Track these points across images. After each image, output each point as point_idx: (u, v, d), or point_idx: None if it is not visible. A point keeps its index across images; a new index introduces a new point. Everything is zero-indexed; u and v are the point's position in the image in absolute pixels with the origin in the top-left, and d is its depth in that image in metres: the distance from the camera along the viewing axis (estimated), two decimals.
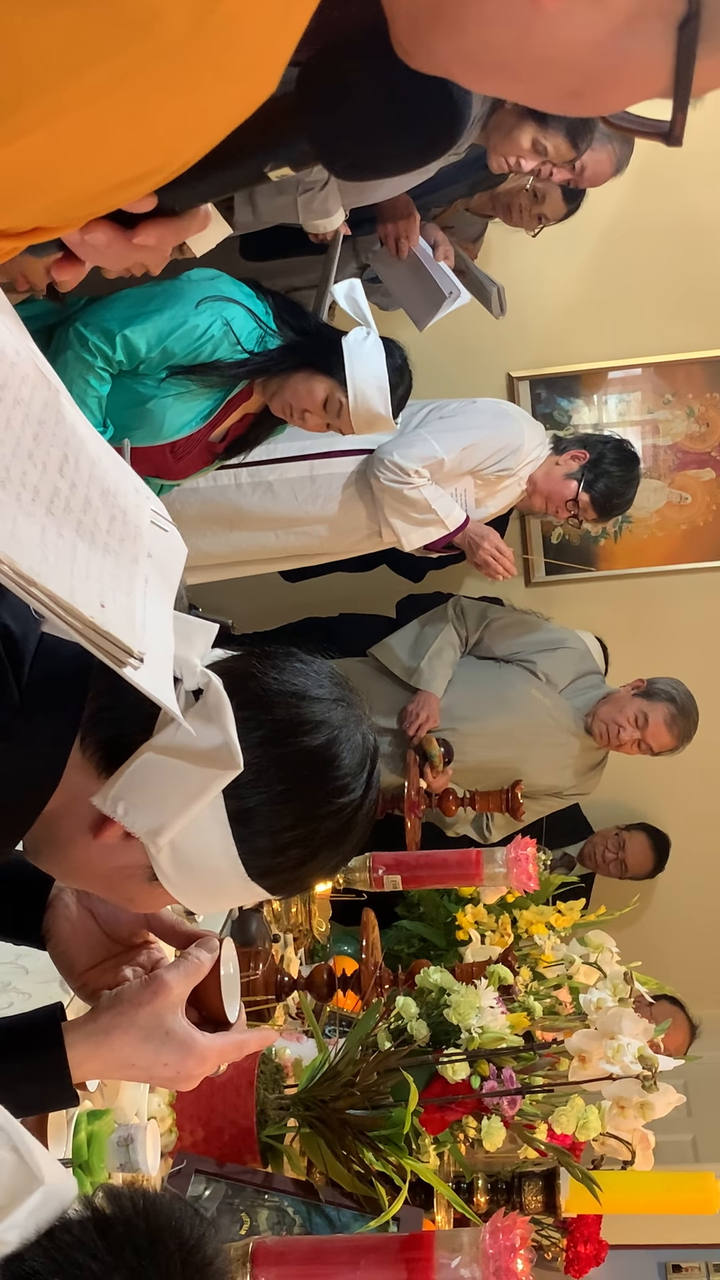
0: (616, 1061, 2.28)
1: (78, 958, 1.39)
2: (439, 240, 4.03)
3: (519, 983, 2.77)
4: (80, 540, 0.98)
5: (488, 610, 4.48)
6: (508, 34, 0.75)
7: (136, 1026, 1.29)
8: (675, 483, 5.29)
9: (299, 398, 3.28)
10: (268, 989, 2.54)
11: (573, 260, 5.08)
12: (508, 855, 2.89)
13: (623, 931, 3.65)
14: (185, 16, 0.61)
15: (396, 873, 2.88)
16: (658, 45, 0.73)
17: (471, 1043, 2.40)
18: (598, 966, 2.82)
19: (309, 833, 1.22)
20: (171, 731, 1.15)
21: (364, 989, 2.69)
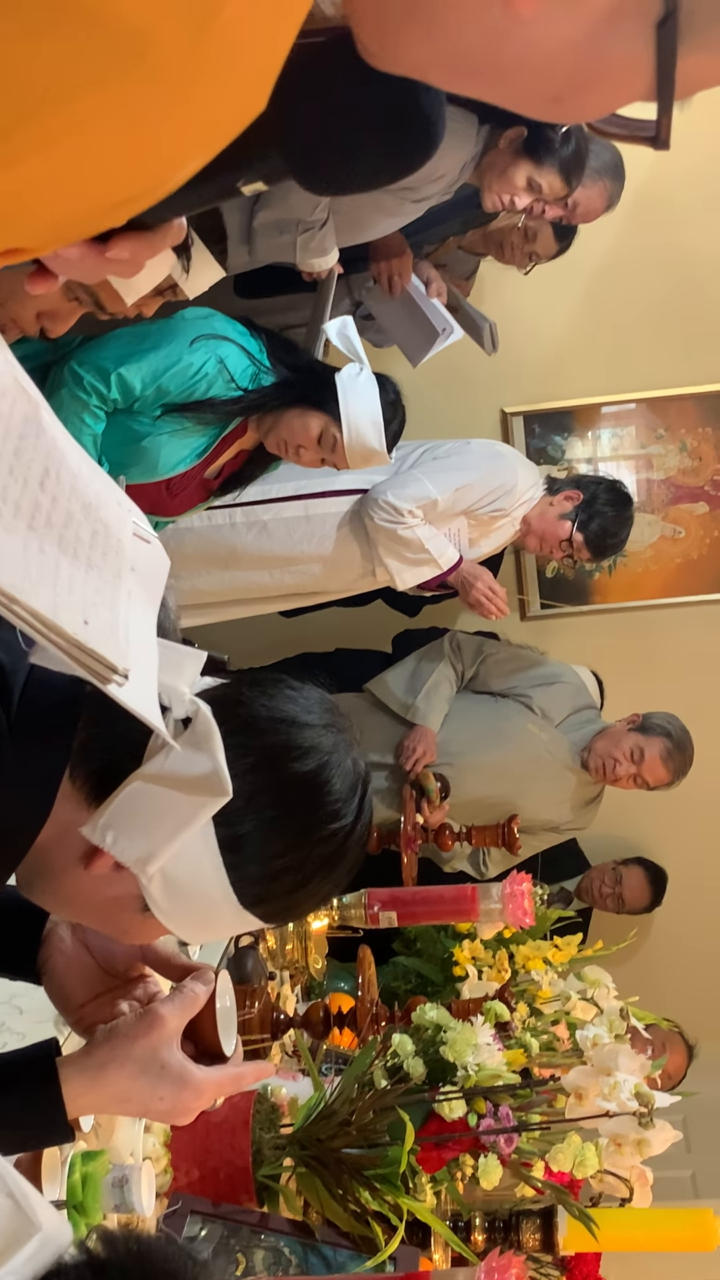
0: (613, 1098, 2.27)
1: (73, 992, 1.39)
2: (432, 277, 4.06)
3: (516, 1019, 2.76)
4: (63, 555, 0.98)
5: (483, 645, 4.49)
6: (483, 38, 0.74)
7: (132, 1060, 1.28)
8: (669, 516, 5.31)
9: (294, 434, 3.30)
10: (263, 1027, 2.52)
11: (565, 297, 5.11)
12: (503, 891, 2.88)
13: (620, 966, 3.64)
14: (177, 41, 0.61)
15: (392, 909, 2.86)
16: (637, 46, 0.72)
17: (468, 1080, 2.39)
18: (594, 1002, 2.81)
19: (301, 859, 1.21)
20: (161, 759, 1.15)
21: (360, 1026, 2.67)
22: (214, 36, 0.62)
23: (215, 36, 0.62)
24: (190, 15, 0.61)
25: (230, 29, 0.63)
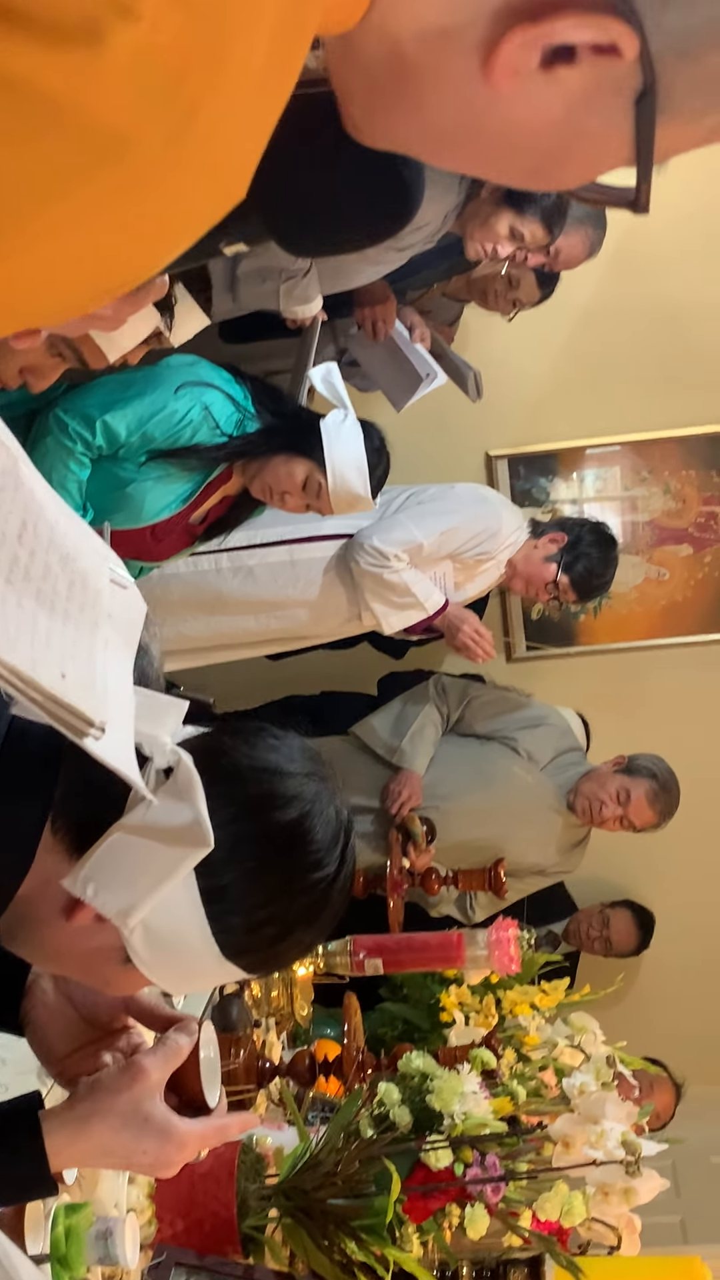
0: (600, 1147, 2.26)
1: (56, 1044, 1.38)
2: (415, 323, 4.09)
3: (503, 1065, 2.75)
4: (40, 609, 0.98)
5: (469, 688, 4.49)
6: (465, 116, 0.75)
7: (115, 1113, 1.28)
8: (653, 558, 5.33)
9: (279, 480, 3.31)
10: (249, 1077, 2.51)
11: (549, 341, 5.15)
12: (489, 937, 2.87)
13: (608, 1010, 3.62)
14: (156, 142, 0.62)
15: (377, 956, 2.85)
16: (615, 119, 0.73)
17: (455, 1129, 2.38)
18: (581, 1049, 2.79)
19: (283, 909, 1.21)
20: (142, 811, 1.15)
21: (346, 1075, 2.66)
22: (192, 135, 0.63)
23: (194, 135, 0.63)
24: (169, 117, 0.62)
25: (209, 127, 0.64)
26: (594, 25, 0.68)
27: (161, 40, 0.60)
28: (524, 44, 0.69)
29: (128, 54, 0.59)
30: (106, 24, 0.58)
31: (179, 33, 0.60)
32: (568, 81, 0.71)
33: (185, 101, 0.62)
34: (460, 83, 0.73)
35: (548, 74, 0.71)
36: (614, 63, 0.70)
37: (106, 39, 0.58)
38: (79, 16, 0.58)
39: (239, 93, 0.65)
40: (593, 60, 0.70)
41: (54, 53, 0.58)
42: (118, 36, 0.59)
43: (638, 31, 0.68)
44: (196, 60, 0.61)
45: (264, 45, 0.65)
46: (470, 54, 0.72)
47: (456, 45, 0.72)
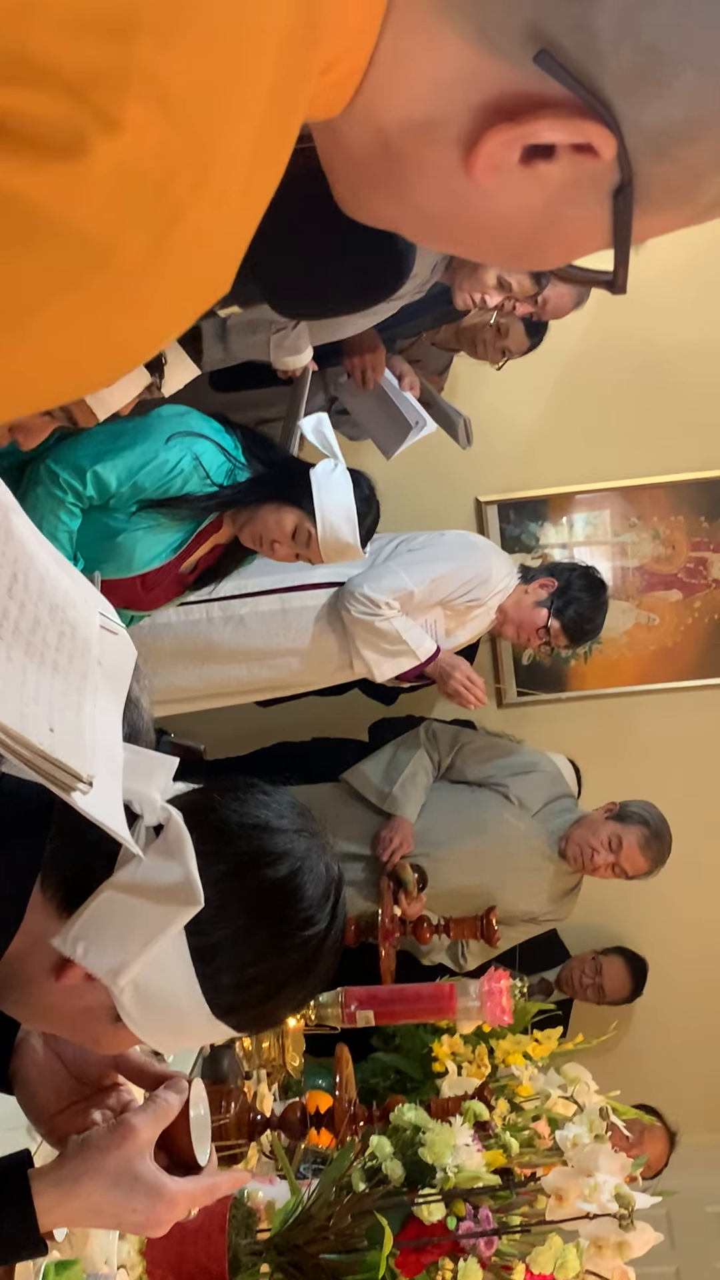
0: (593, 1200, 2.24)
1: (46, 1102, 1.37)
2: (404, 371, 4.11)
3: (495, 1116, 2.73)
4: (30, 661, 0.99)
5: (460, 734, 4.49)
6: (447, 203, 0.77)
7: (105, 1173, 1.26)
8: (643, 604, 5.35)
9: (268, 528, 3.32)
10: (240, 1131, 2.49)
11: (538, 389, 5.18)
12: (482, 988, 2.86)
13: (601, 1059, 3.60)
14: (142, 247, 0.63)
15: (369, 1008, 2.83)
16: (593, 210, 0.75)
17: (447, 1182, 2.36)
18: (574, 1100, 2.78)
19: (273, 967, 1.21)
20: (132, 869, 1.15)
21: (338, 1127, 2.64)
22: (177, 240, 0.64)
23: (178, 240, 0.64)
24: (153, 224, 0.63)
25: (193, 231, 0.64)
26: (572, 127, 0.70)
27: (144, 150, 0.60)
28: (504, 143, 0.71)
29: (111, 165, 0.60)
30: (90, 136, 0.59)
31: (162, 142, 0.61)
32: (547, 176, 0.73)
33: (169, 208, 0.63)
34: (442, 173, 0.75)
35: (528, 169, 0.73)
36: (592, 160, 0.71)
37: (90, 151, 0.59)
38: (63, 129, 0.59)
39: (224, 194, 0.65)
40: (571, 157, 0.72)
41: (39, 165, 0.59)
42: (101, 148, 0.59)
43: (615, 133, 0.70)
44: (180, 168, 0.62)
45: (248, 145, 0.65)
46: (452, 147, 0.73)
47: (439, 138, 0.73)
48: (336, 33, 0.69)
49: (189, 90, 0.61)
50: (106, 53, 0.59)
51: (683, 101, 0.69)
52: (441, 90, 0.72)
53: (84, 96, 0.59)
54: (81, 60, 0.58)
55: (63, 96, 0.58)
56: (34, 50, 0.58)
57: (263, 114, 0.66)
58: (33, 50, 0.58)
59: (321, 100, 0.73)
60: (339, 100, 0.74)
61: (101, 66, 0.59)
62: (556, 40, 0.68)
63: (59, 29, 0.58)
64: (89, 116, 0.59)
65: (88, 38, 0.58)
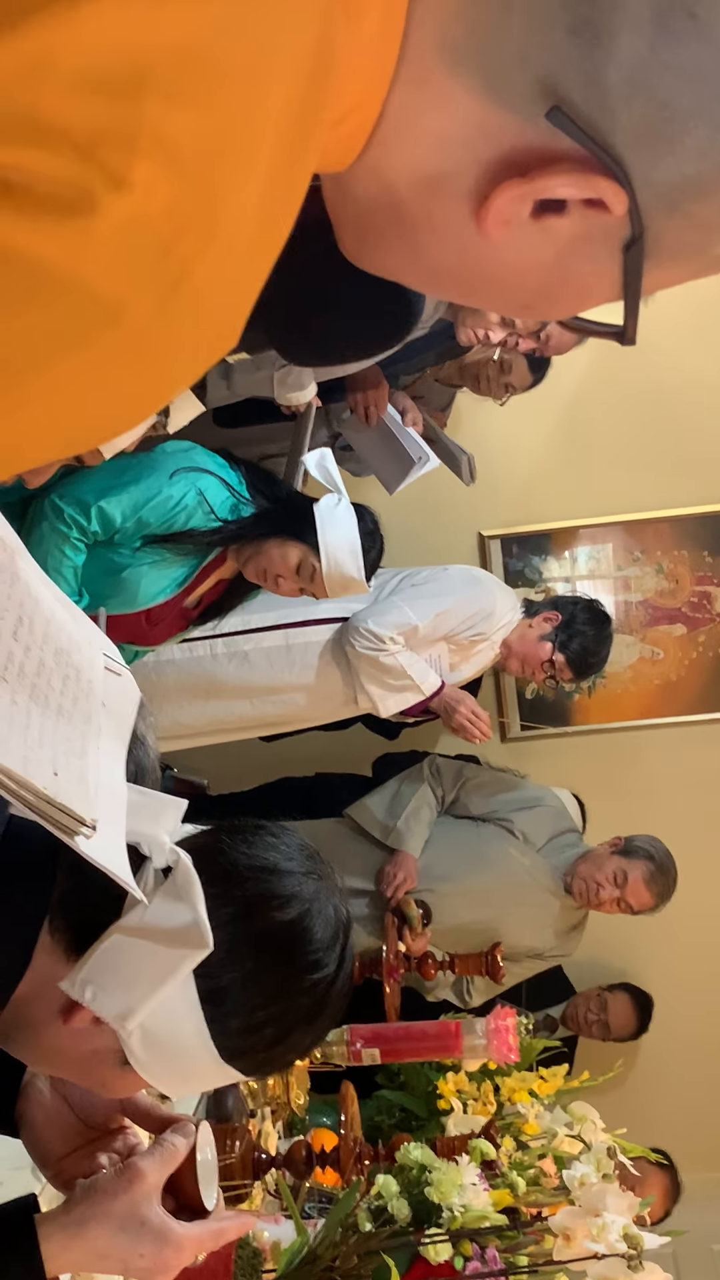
0: (601, 1240, 2.22)
1: (52, 1145, 1.36)
2: (408, 407, 4.13)
3: (501, 1154, 2.71)
4: (34, 704, 0.99)
5: (464, 769, 4.48)
6: (456, 257, 0.77)
7: (112, 1217, 1.25)
8: (647, 638, 5.35)
9: (273, 563, 3.32)
10: (245, 1171, 2.47)
11: (541, 423, 5.20)
12: (488, 1026, 2.84)
13: (607, 1096, 3.58)
14: (150, 305, 0.63)
15: (375, 1046, 2.82)
16: (604, 264, 0.75)
17: (454, 1222, 2.34)
18: (580, 1138, 2.76)
19: (282, 1011, 1.20)
20: (140, 911, 1.14)
21: (344, 1166, 2.62)
22: (184, 297, 0.64)
23: (185, 297, 0.64)
24: (160, 281, 0.63)
25: (200, 287, 0.65)
26: (584, 183, 0.70)
27: (153, 208, 0.60)
28: (515, 197, 0.71)
29: (119, 223, 0.60)
30: (98, 194, 0.59)
31: (170, 200, 0.61)
32: (558, 230, 0.73)
33: (176, 266, 0.63)
34: (452, 227, 0.75)
35: (538, 223, 0.73)
36: (603, 214, 0.71)
37: (98, 208, 0.59)
38: (71, 188, 0.59)
39: (231, 250, 0.65)
40: (582, 211, 0.72)
41: (47, 224, 0.59)
42: (109, 206, 0.59)
43: (627, 188, 0.70)
44: (188, 225, 0.62)
45: (257, 201, 0.65)
46: (462, 202, 0.73)
47: (449, 192, 0.74)
48: (347, 87, 0.69)
49: (198, 148, 0.61)
50: (114, 112, 0.59)
51: (694, 157, 0.69)
52: (452, 144, 0.72)
53: (92, 155, 0.59)
54: (89, 119, 0.58)
55: (71, 155, 0.58)
56: (42, 110, 0.58)
57: (272, 170, 0.66)
58: (41, 110, 0.58)
59: (331, 153, 0.73)
60: (349, 153, 0.74)
61: (109, 125, 0.59)
62: (568, 95, 0.68)
63: (67, 89, 0.58)
64: (97, 174, 0.59)
65: (95, 97, 0.58)
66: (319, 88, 0.67)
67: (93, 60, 0.58)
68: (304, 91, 0.65)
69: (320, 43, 0.65)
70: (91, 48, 0.58)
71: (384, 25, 0.69)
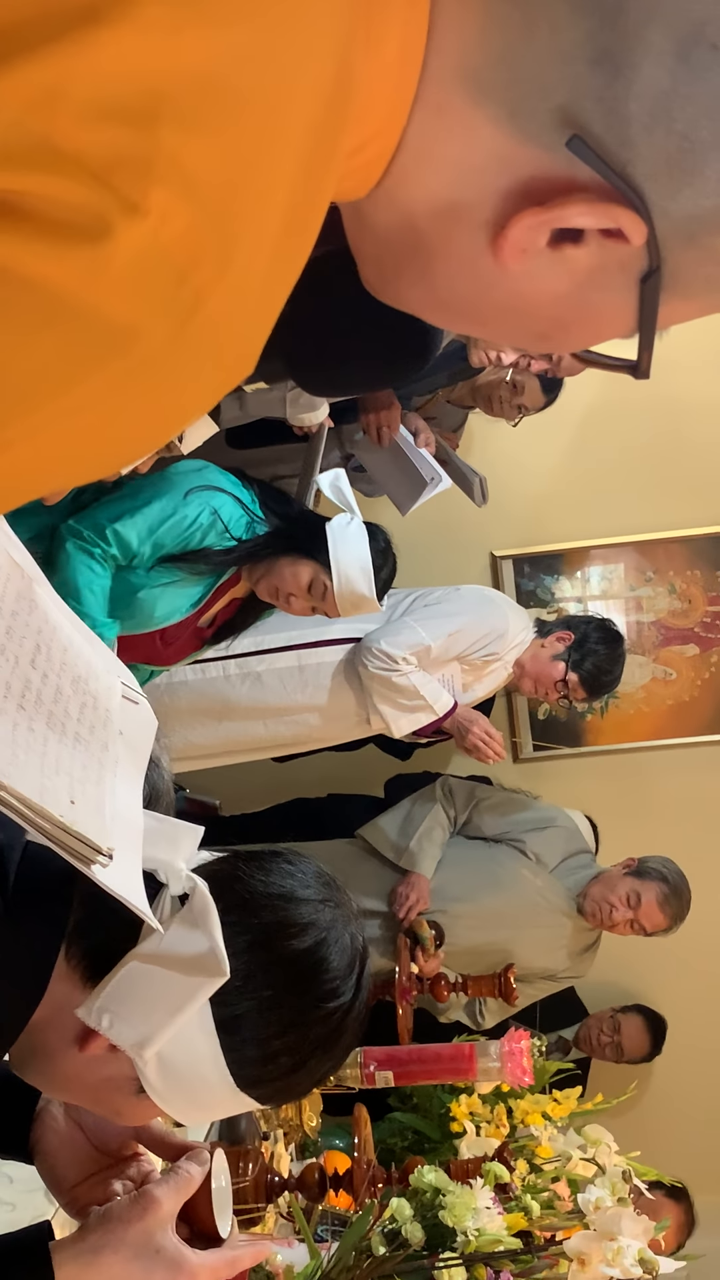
0: (617, 1264, 2.22)
1: (66, 1172, 1.36)
2: (420, 428, 4.13)
3: (515, 1177, 2.70)
4: (51, 732, 0.99)
5: (476, 790, 4.47)
6: (472, 286, 0.77)
7: (126, 1245, 1.25)
8: (660, 658, 5.34)
9: (284, 581, 3.32)
10: (258, 1194, 2.46)
11: (553, 444, 5.20)
12: (502, 1049, 2.83)
13: (620, 1118, 3.57)
14: (164, 332, 0.63)
15: (388, 1069, 2.82)
16: (620, 295, 0.75)
17: (468, 1246, 2.33)
18: (595, 1161, 2.75)
19: (298, 1039, 1.20)
20: (156, 939, 1.14)
21: (357, 1189, 2.61)
22: (199, 325, 0.64)
23: (200, 325, 0.64)
24: (175, 309, 0.63)
25: (215, 316, 0.64)
26: (603, 212, 0.70)
27: (168, 235, 0.60)
28: (533, 226, 0.71)
29: (135, 250, 0.60)
30: (113, 220, 0.59)
31: (186, 227, 0.61)
32: (575, 260, 0.73)
33: (191, 293, 0.63)
34: (468, 256, 0.75)
35: (555, 253, 0.73)
36: (621, 245, 0.71)
37: (113, 235, 0.59)
38: (86, 214, 0.59)
39: (247, 280, 0.65)
40: (600, 242, 0.72)
41: (61, 249, 0.59)
42: (125, 233, 0.59)
43: (645, 219, 0.70)
44: (204, 252, 0.62)
45: (274, 229, 0.65)
46: (479, 230, 0.73)
47: (467, 221, 0.74)
48: (366, 115, 0.69)
49: (214, 176, 0.61)
50: (130, 139, 0.59)
51: (713, 189, 0.69)
52: (471, 174, 0.72)
53: (107, 181, 0.58)
54: (105, 146, 0.58)
55: (86, 181, 0.58)
56: (57, 137, 0.58)
57: (289, 198, 0.66)
58: (56, 137, 0.58)
59: (349, 182, 0.74)
60: (366, 182, 0.74)
61: (125, 152, 0.59)
62: (588, 126, 0.68)
63: (82, 117, 0.58)
64: (112, 201, 0.59)
65: (111, 125, 0.58)
66: (338, 116, 0.67)
67: (109, 88, 0.58)
68: (323, 120, 0.65)
69: (339, 71, 0.65)
70: (108, 75, 0.58)
71: (403, 54, 0.69)
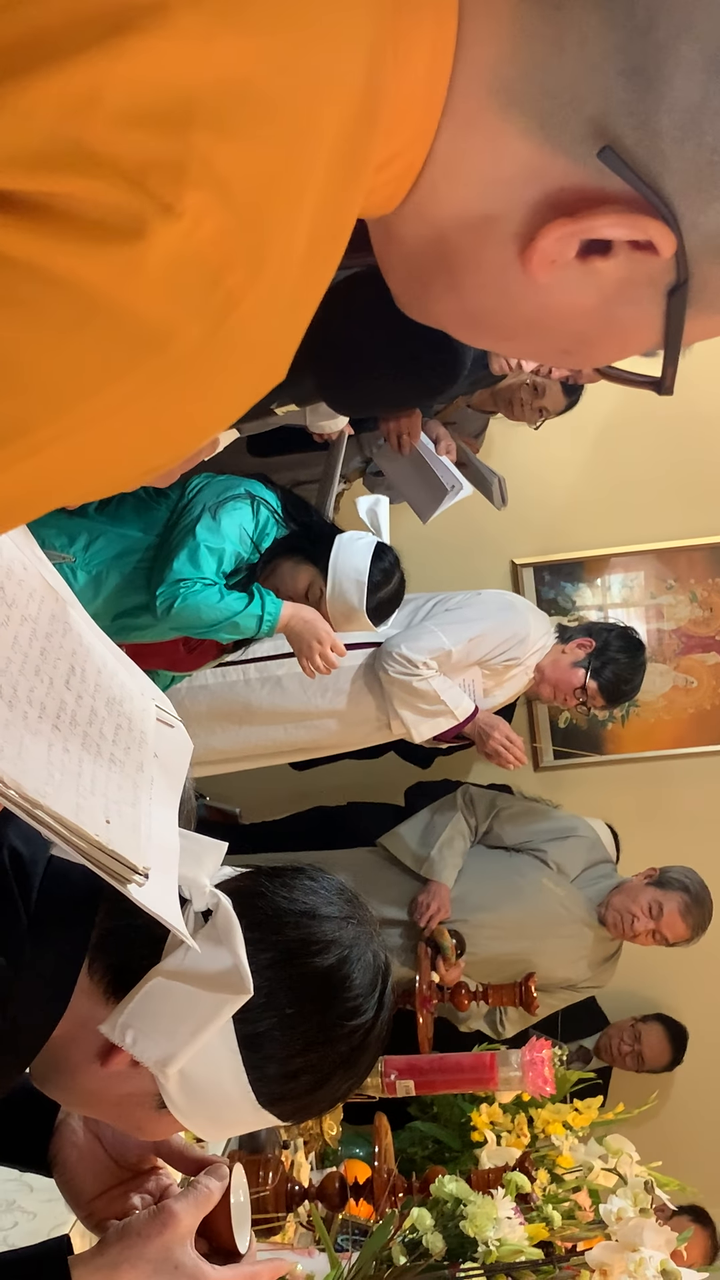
0: (639, 1276, 2.20)
1: (85, 1185, 1.35)
2: (440, 435, 4.12)
3: (536, 1187, 2.69)
4: (86, 753, 0.99)
5: (497, 799, 4.46)
6: (499, 300, 0.77)
7: (145, 1260, 1.24)
8: (681, 667, 5.32)
9: (283, 583, 3.30)
10: (278, 1203, 2.46)
11: (574, 450, 5.19)
12: (523, 1058, 2.82)
13: (641, 1128, 3.56)
14: (197, 334, 0.63)
15: (409, 1078, 2.81)
16: (646, 310, 0.75)
17: (489, 1256, 2.32)
18: (616, 1172, 2.74)
19: (321, 1057, 1.19)
20: (180, 955, 1.14)
21: (377, 1199, 2.60)
22: (231, 327, 0.64)
23: (233, 327, 0.64)
24: (208, 310, 0.63)
25: (248, 318, 0.65)
26: (632, 224, 0.70)
27: (202, 237, 0.61)
28: (562, 237, 0.71)
29: (169, 251, 0.60)
30: (148, 222, 0.59)
31: (220, 229, 0.61)
32: (603, 273, 0.73)
33: (224, 295, 0.63)
34: (496, 269, 0.75)
35: (584, 265, 0.73)
36: (650, 258, 0.72)
37: (148, 236, 0.59)
38: (121, 215, 0.59)
39: (279, 283, 0.65)
40: (629, 254, 0.72)
41: (97, 249, 0.59)
42: (159, 234, 0.59)
43: (675, 231, 0.70)
44: (237, 255, 0.62)
45: (305, 235, 0.66)
46: (508, 243, 0.74)
47: (496, 234, 0.74)
48: (395, 129, 0.70)
49: (247, 180, 0.62)
50: (164, 143, 0.59)
51: None
52: (500, 186, 0.72)
53: (141, 183, 0.59)
54: (139, 150, 0.59)
55: (120, 184, 0.59)
56: (92, 141, 0.58)
57: (319, 207, 0.66)
58: (90, 141, 0.58)
59: (378, 196, 0.74)
60: (395, 196, 0.75)
61: (159, 156, 0.59)
62: (620, 137, 0.68)
63: (116, 121, 0.58)
64: (147, 202, 0.59)
65: (145, 129, 0.59)
66: (366, 128, 0.67)
67: (143, 94, 0.59)
68: (352, 130, 0.66)
69: (369, 82, 0.66)
70: (142, 82, 0.59)
71: (432, 68, 0.70)
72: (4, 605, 0.99)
